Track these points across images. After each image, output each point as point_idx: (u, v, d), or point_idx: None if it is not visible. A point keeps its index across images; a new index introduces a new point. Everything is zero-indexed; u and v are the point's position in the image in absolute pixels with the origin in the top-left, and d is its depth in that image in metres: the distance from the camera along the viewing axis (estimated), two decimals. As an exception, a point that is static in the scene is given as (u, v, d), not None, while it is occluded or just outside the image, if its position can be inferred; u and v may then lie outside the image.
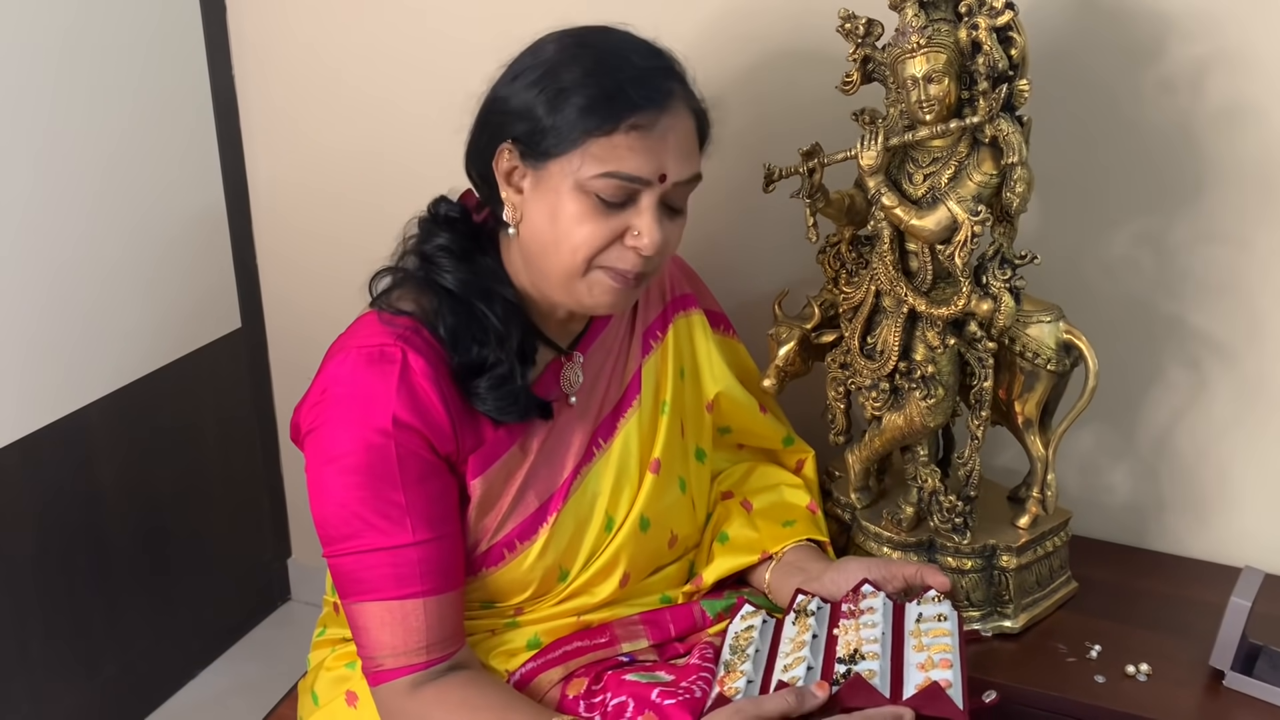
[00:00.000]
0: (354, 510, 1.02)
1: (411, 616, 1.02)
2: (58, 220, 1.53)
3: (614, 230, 1.01)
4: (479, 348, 1.05)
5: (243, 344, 1.88)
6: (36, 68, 1.48)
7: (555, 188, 1.01)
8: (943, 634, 1.03)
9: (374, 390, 1.02)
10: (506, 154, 1.04)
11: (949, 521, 1.24)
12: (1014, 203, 1.11)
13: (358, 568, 1.03)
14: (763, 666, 1.05)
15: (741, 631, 1.10)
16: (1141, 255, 1.35)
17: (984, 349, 1.18)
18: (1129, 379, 1.39)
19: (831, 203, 1.20)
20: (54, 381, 1.56)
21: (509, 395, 1.05)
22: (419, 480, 1.03)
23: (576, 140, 0.99)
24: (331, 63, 1.70)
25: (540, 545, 1.10)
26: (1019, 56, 1.09)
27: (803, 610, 1.10)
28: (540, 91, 1.00)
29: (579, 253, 1.01)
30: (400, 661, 1.03)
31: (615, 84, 0.99)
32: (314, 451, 1.05)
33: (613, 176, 0.99)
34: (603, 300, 1.05)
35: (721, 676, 1.04)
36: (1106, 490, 1.44)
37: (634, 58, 1.01)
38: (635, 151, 0.99)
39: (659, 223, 1.01)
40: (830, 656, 1.03)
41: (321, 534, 1.05)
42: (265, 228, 1.86)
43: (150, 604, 1.77)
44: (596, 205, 1.00)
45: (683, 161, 1.02)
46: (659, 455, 1.18)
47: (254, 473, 1.97)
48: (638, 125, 0.98)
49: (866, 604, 1.09)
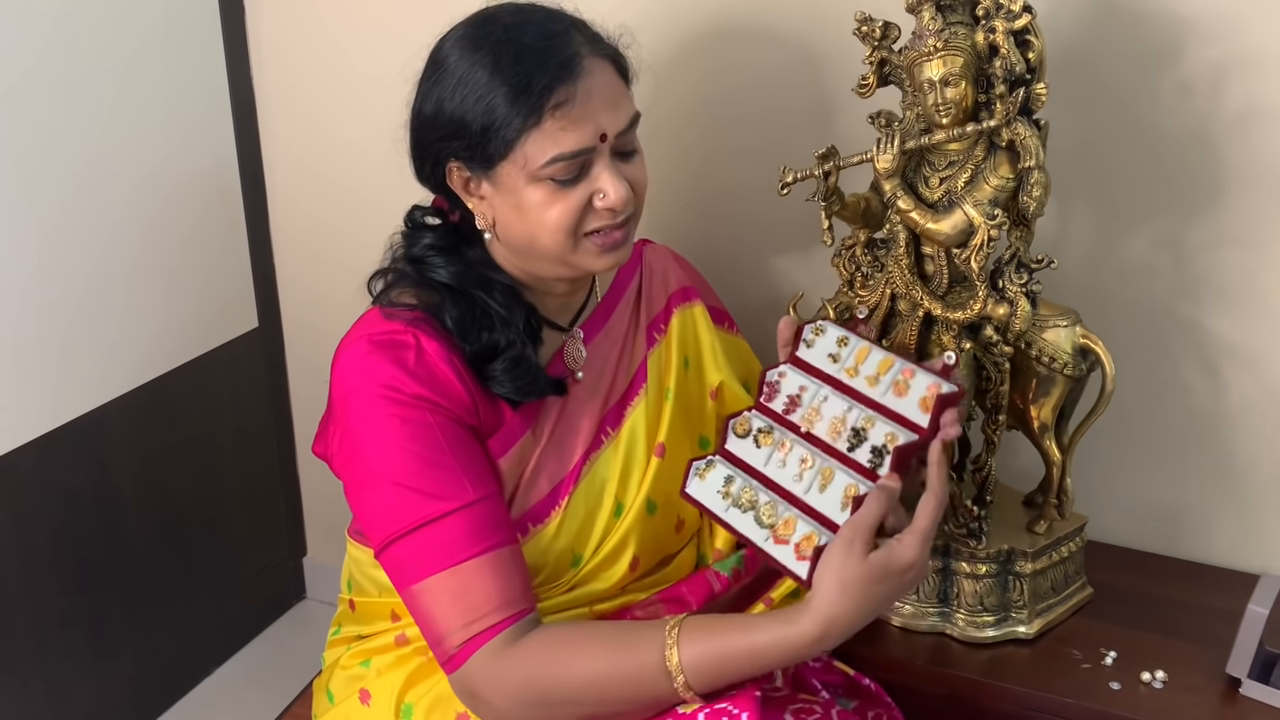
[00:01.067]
0: (409, 485, 1.02)
1: (490, 571, 1.00)
2: (75, 220, 1.54)
3: (580, 201, 1.04)
4: (488, 333, 1.07)
5: (259, 343, 1.89)
6: (54, 66, 1.49)
7: (512, 186, 1.04)
8: (882, 362, 1.07)
9: (392, 372, 1.03)
10: (455, 171, 1.07)
11: (964, 526, 1.23)
12: (1031, 207, 1.10)
13: (424, 541, 1.01)
14: (788, 504, 1.03)
15: (719, 490, 1.07)
16: (1159, 259, 1.34)
17: (1000, 353, 1.18)
18: (1146, 383, 1.38)
19: (847, 206, 1.20)
20: (72, 380, 1.57)
21: (525, 374, 1.08)
22: (460, 442, 1.04)
23: (511, 140, 1.01)
24: (348, 59, 1.71)
25: (554, 527, 1.12)
26: (1036, 60, 1.09)
27: (748, 432, 1.09)
28: (459, 104, 1.03)
29: (559, 233, 1.04)
30: (489, 621, 1.00)
31: (523, 76, 1.00)
32: (349, 446, 1.05)
33: (558, 160, 1.01)
34: (602, 262, 1.08)
35: (775, 540, 1.01)
36: (1123, 495, 1.43)
37: (527, 40, 1.02)
38: (568, 130, 1.01)
39: (618, 176, 1.04)
40: (825, 445, 1.05)
41: (376, 526, 1.04)
42: (282, 228, 1.87)
43: (167, 601, 1.79)
44: (555, 187, 1.03)
45: (615, 112, 1.04)
46: (663, 439, 1.19)
47: (270, 472, 1.98)
48: (559, 104, 1.00)
49: (784, 383, 1.10)
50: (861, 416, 1.04)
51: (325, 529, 2.05)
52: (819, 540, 0.98)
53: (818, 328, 1.12)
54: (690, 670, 0.95)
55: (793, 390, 1.10)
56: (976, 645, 1.23)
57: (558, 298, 1.15)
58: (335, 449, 1.09)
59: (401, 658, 1.16)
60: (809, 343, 1.12)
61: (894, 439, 1.00)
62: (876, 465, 1.01)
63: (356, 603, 1.23)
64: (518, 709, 1.00)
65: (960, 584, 1.24)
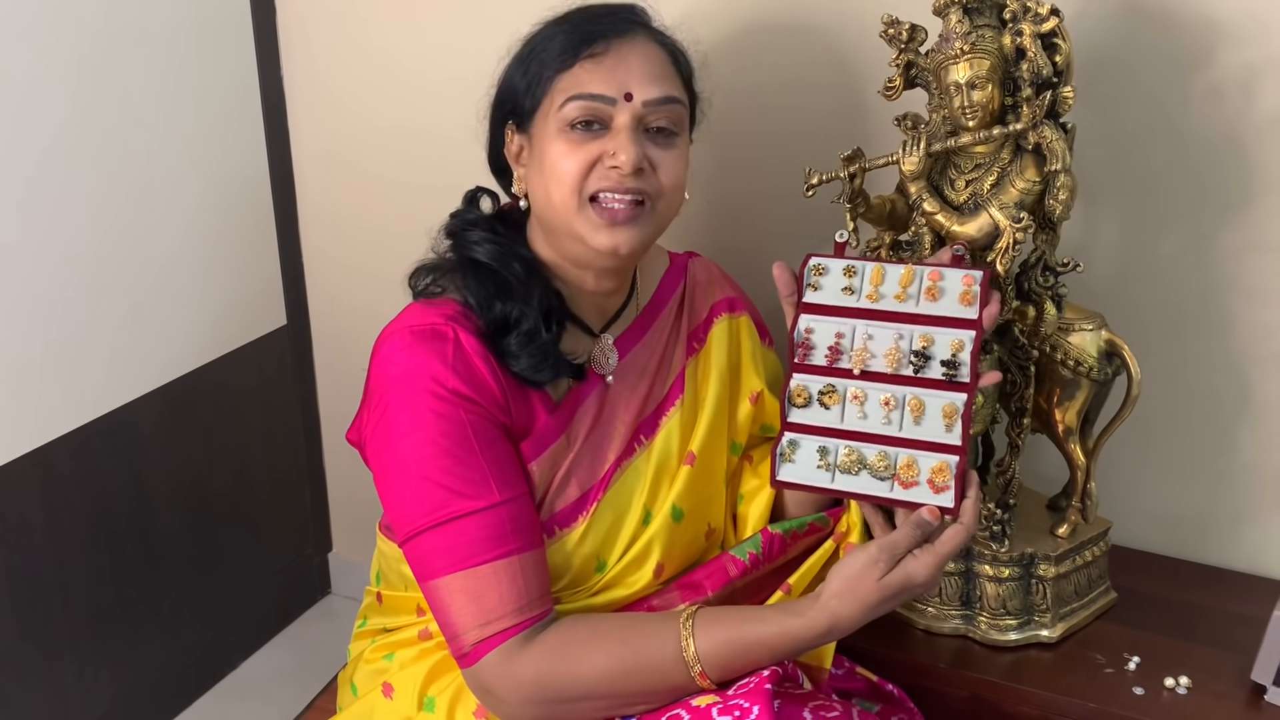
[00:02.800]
0: (436, 480, 1.03)
1: (507, 576, 1.02)
2: (106, 216, 1.56)
3: (591, 155, 1.05)
4: (502, 304, 1.08)
5: (288, 340, 1.91)
6: (96, 75, 1.51)
7: (542, 139, 1.08)
8: (903, 276, 1.08)
9: (431, 363, 1.04)
10: (509, 136, 1.13)
11: (987, 529, 1.23)
12: (1057, 210, 1.10)
13: (445, 538, 1.02)
14: (895, 447, 1.04)
15: (817, 464, 1.06)
16: (1186, 262, 1.33)
17: (1025, 357, 1.18)
18: (1172, 387, 1.37)
19: (872, 208, 1.20)
20: (103, 376, 1.59)
21: (539, 351, 1.08)
22: (492, 443, 1.05)
23: (547, 84, 1.07)
24: (377, 62, 1.73)
25: (580, 532, 1.12)
26: (1063, 63, 1.09)
27: (808, 400, 1.08)
28: (518, 64, 1.10)
29: (565, 183, 1.05)
30: (503, 625, 1.01)
31: (571, 29, 1.07)
32: (382, 434, 1.06)
33: (575, 98, 1.04)
34: (601, 237, 1.06)
35: (903, 485, 1.03)
36: (1147, 499, 1.43)
37: (591, 8, 1.10)
38: (594, 74, 1.05)
39: (635, 141, 1.05)
40: (889, 378, 1.05)
41: (400, 516, 1.05)
42: (311, 229, 1.89)
43: (195, 594, 1.81)
44: (574, 136, 1.05)
45: (649, 83, 1.06)
46: (695, 449, 1.19)
47: (297, 467, 2.00)
48: (594, 54, 1.05)
49: (816, 336, 1.09)
50: (915, 336, 1.04)
51: (350, 525, 2.07)
52: (951, 466, 1.01)
53: (817, 267, 1.10)
54: (707, 660, 0.99)
55: (828, 340, 1.08)
56: (999, 648, 1.23)
57: (591, 296, 1.15)
58: (368, 435, 1.10)
59: (424, 651, 1.17)
60: (816, 285, 1.10)
61: (960, 345, 1.02)
62: (953, 376, 1.02)
63: (384, 595, 1.25)
64: (531, 706, 1.02)
65: (983, 587, 1.24)
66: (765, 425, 1.28)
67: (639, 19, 1.11)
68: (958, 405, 1.00)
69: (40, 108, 1.45)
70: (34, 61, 1.43)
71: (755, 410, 1.25)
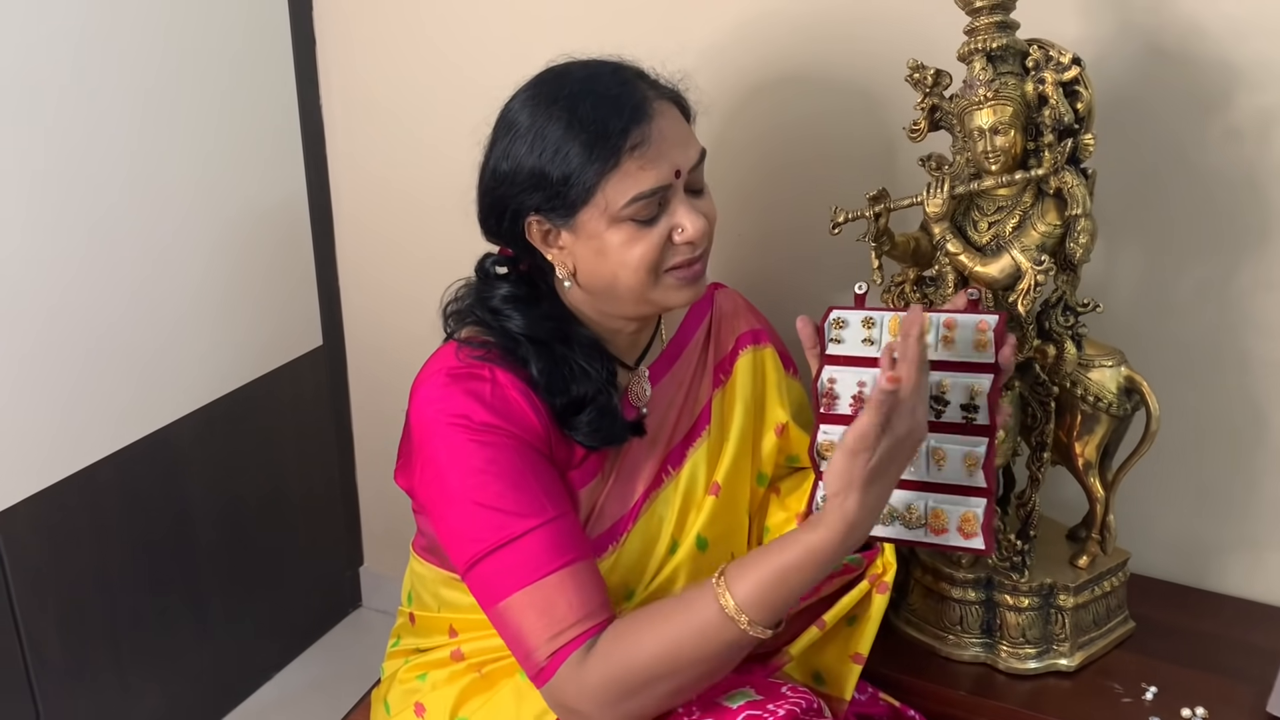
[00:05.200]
0: (492, 505, 1.05)
1: (571, 584, 1.03)
2: (149, 241, 1.60)
3: (660, 238, 1.07)
4: (575, 386, 1.10)
5: (324, 360, 1.95)
6: (147, 107, 1.56)
7: (593, 232, 1.07)
8: None
9: (468, 403, 1.07)
10: (534, 224, 1.09)
11: (1007, 560, 1.26)
12: (1077, 253, 1.13)
13: (507, 559, 1.04)
14: (919, 493, 1.06)
15: None
16: (1205, 300, 1.36)
17: (1046, 392, 1.20)
18: (1190, 421, 1.39)
19: (897, 246, 1.23)
20: (145, 398, 1.63)
21: (610, 425, 1.12)
22: (536, 464, 1.08)
23: (592, 187, 1.04)
24: (416, 79, 1.76)
25: (609, 563, 1.15)
26: (1085, 110, 1.11)
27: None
28: (539, 157, 1.05)
29: (641, 271, 1.07)
30: (574, 633, 1.02)
31: (599, 123, 1.03)
32: (429, 475, 1.09)
33: (639, 199, 1.04)
34: (681, 296, 1.11)
35: (935, 532, 1.05)
36: (1166, 529, 1.45)
37: (599, 89, 1.06)
38: (646, 169, 1.04)
39: (694, 210, 1.08)
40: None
41: (460, 547, 1.07)
42: (348, 253, 1.93)
43: (232, 608, 1.85)
44: (636, 227, 1.06)
45: (685, 149, 1.08)
46: (720, 479, 1.22)
47: (330, 483, 2.04)
48: (635, 145, 1.03)
49: (839, 386, 1.10)
50: (933, 382, 1.06)
51: (382, 539, 2.11)
52: (978, 515, 1.03)
53: (837, 320, 1.13)
54: (749, 606, 0.98)
55: (852, 389, 1.10)
56: (1018, 677, 1.25)
57: (627, 336, 1.18)
58: (418, 480, 1.13)
59: (456, 673, 1.21)
60: (837, 339, 1.12)
61: (978, 389, 1.04)
62: (973, 419, 1.05)
63: (417, 616, 1.28)
64: (608, 709, 1.02)
65: (1003, 616, 1.26)
66: (791, 456, 1.30)
67: (641, 83, 1.08)
68: (978, 454, 1.03)
69: (90, 140, 1.49)
70: (84, 95, 1.48)
71: (781, 442, 1.28)
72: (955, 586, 1.28)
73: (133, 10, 1.52)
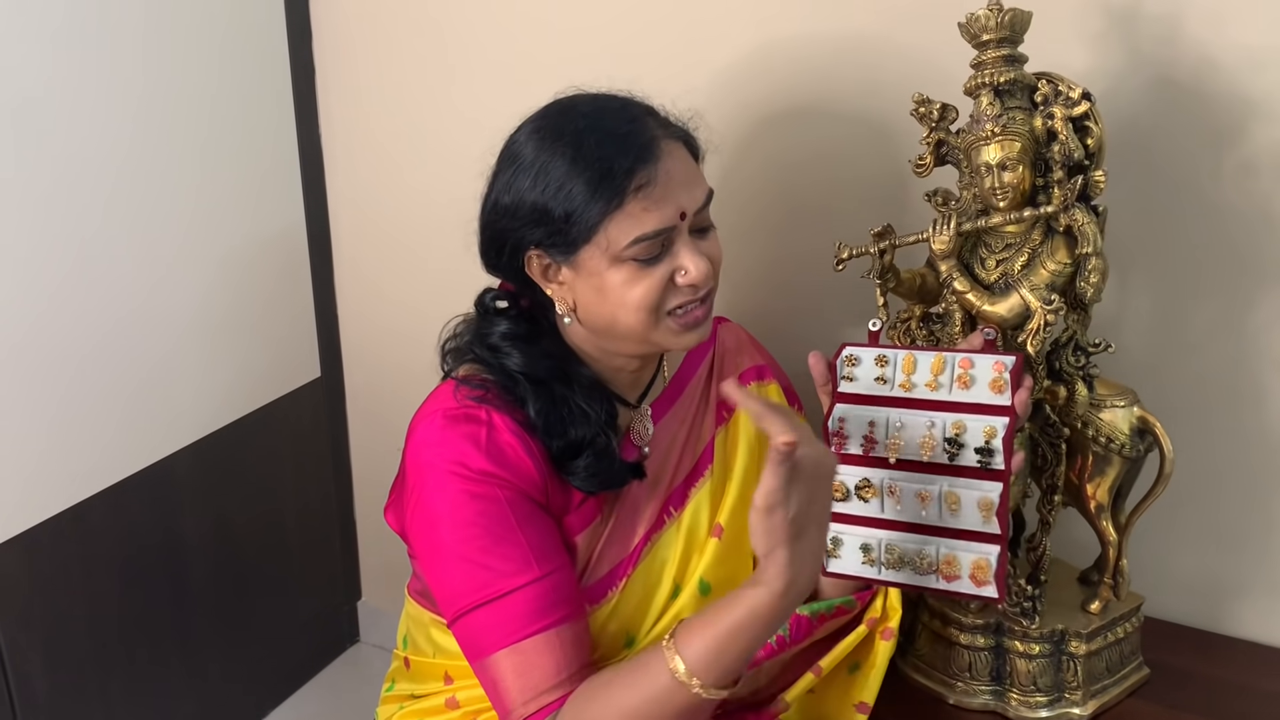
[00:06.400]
0: (476, 561, 1.03)
1: (547, 650, 1.02)
2: (146, 272, 1.59)
3: (662, 279, 1.05)
4: (574, 429, 1.08)
5: (322, 392, 1.93)
6: (126, 120, 1.54)
7: (594, 270, 1.04)
8: (934, 364, 1.08)
9: (464, 447, 1.05)
10: (535, 259, 1.08)
11: (1017, 605, 1.22)
12: (1088, 293, 1.10)
13: (489, 617, 1.03)
14: (932, 538, 1.05)
15: (861, 561, 1.07)
16: (1219, 337, 1.33)
17: (1057, 434, 1.17)
18: (1205, 459, 1.36)
19: (903, 283, 1.20)
20: (140, 432, 1.62)
21: (607, 469, 1.09)
22: (529, 518, 1.06)
23: (595, 225, 1.02)
24: (416, 113, 1.75)
25: (609, 608, 1.12)
26: (1095, 146, 1.09)
27: (846, 494, 1.08)
28: (541, 192, 1.03)
29: (641, 311, 1.05)
30: (549, 698, 1.01)
31: (605, 161, 1.01)
32: (420, 520, 1.07)
33: (641, 240, 1.02)
34: (682, 340, 1.08)
35: (947, 579, 1.04)
36: (1181, 571, 1.41)
37: (606, 126, 1.03)
38: (650, 210, 1.02)
39: (698, 253, 1.05)
40: (923, 466, 1.05)
41: (445, 597, 1.06)
42: (346, 279, 1.91)
43: (227, 644, 1.83)
44: (637, 267, 1.04)
45: (692, 190, 1.05)
46: (723, 520, 1.19)
47: (328, 516, 2.02)
48: (640, 186, 1.01)
49: (849, 426, 1.09)
50: (948, 425, 1.04)
51: (380, 574, 2.09)
52: (991, 562, 1.01)
53: (850, 358, 1.11)
54: (697, 669, 0.95)
55: (863, 430, 1.08)
56: (1029, 726, 1.22)
57: (629, 374, 1.16)
58: (409, 521, 1.11)
59: (450, 721, 1.18)
60: (849, 376, 1.10)
61: (993, 432, 1.02)
62: (987, 464, 1.02)
63: (412, 661, 1.25)
64: None
65: (1013, 663, 1.23)
66: None
67: (650, 122, 1.06)
68: (993, 499, 1.00)
69: (84, 167, 1.48)
70: (83, 124, 1.47)
71: None
72: (964, 632, 1.24)
73: (131, 39, 1.51)
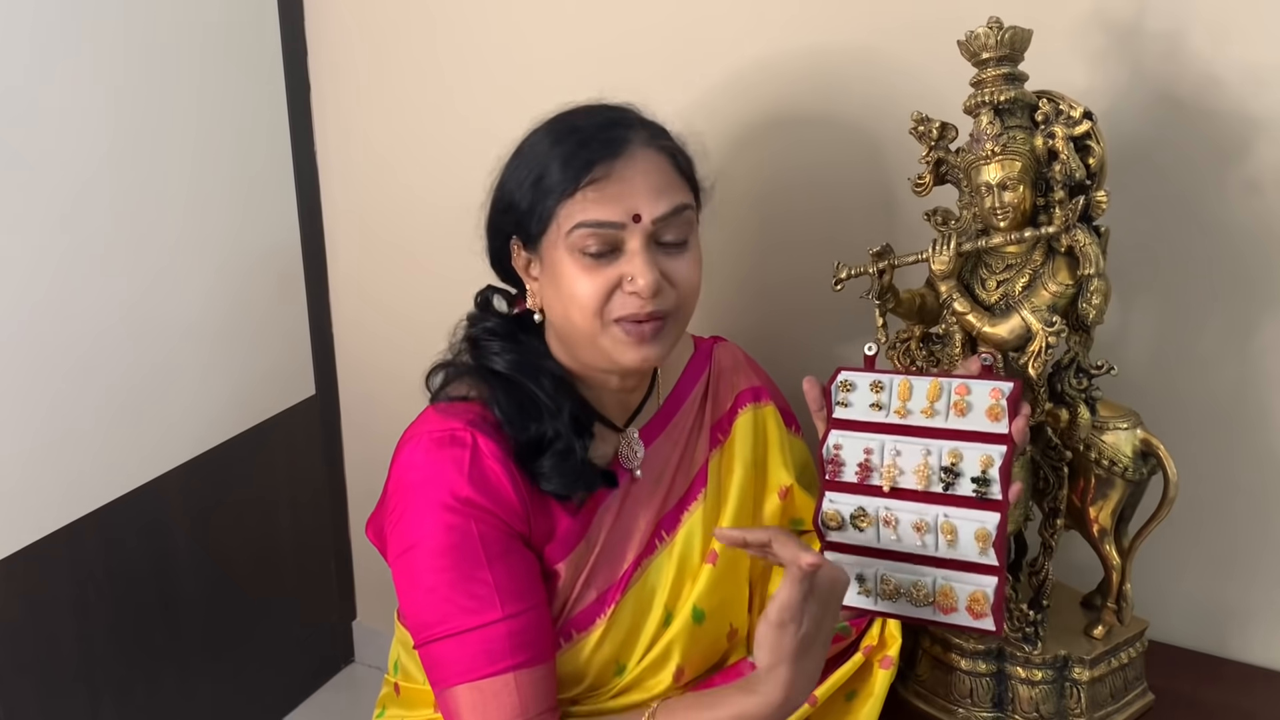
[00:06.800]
0: (442, 594, 1.02)
1: (505, 692, 1.01)
2: (137, 289, 1.57)
3: (609, 281, 1.04)
4: (535, 424, 1.07)
5: (317, 410, 1.92)
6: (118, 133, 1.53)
7: (552, 260, 1.05)
8: (929, 390, 1.06)
9: (447, 472, 1.04)
10: (515, 250, 1.10)
11: (1019, 631, 1.20)
12: (1090, 314, 1.08)
13: (450, 651, 1.02)
14: (929, 568, 1.03)
15: (858, 591, 1.05)
16: (1223, 357, 1.31)
17: (1059, 457, 1.15)
18: (1210, 481, 1.34)
19: (902, 303, 1.19)
20: (132, 451, 1.60)
21: (571, 470, 1.07)
22: (502, 555, 1.04)
23: (551, 212, 1.04)
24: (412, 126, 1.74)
25: (598, 635, 1.10)
26: (1097, 166, 1.07)
27: (841, 523, 1.06)
28: (519, 179, 1.07)
29: (586, 309, 1.04)
30: None
31: (568, 151, 1.04)
32: (397, 541, 1.06)
33: (583, 227, 1.02)
34: (630, 355, 1.06)
35: (944, 611, 1.01)
36: (1186, 594, 1.39)
37: (581, 122, 1.06)
38: (598, 201, 1.02)
39: (650, 264, 1.03)
40: (919, 495, 1.03)
41: (413, 623, 1.06)
42: (342, 296, 1.90)
43: (220, 664, 1.80)
44: (586, 262, 1.03)
45: (655, 198, 1.04)
46: (717, 546, 1.17)
47: (323, 534, 2.00)
48: (595, 179, 1.02)
49: (844, 453, 1.07)
50: (944, 452, 1.02)
51: (375, 593, 2.07)
52: (988, 594, 0.99)
53: (845, 383, 1.09)
54: None
55: (858, 457, 1.06)
56: (1032, 754, 1.20)
57: (614, 394, 1.14)
58: (387, 538, 1.10)
59: (442, 749, 1.17)
60: (844, 402, 1.09)
61: (990, 461, 1.00)
62: (984, 493, 1.00)
63: (402, 687, 1.23)
64: None
65: (1015, 690, 1.21)
66: (795, 520, 1.26)
67: (634, 127, 1.07)
68: (989, 529, 0.98)
69: (75, 180, 1.47)
70: (72, 131, 1.45)
71: (784, 505, 1.23)
72: (965, 658, 1.22)
73: (120, 49, 1.50)
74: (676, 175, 1.08)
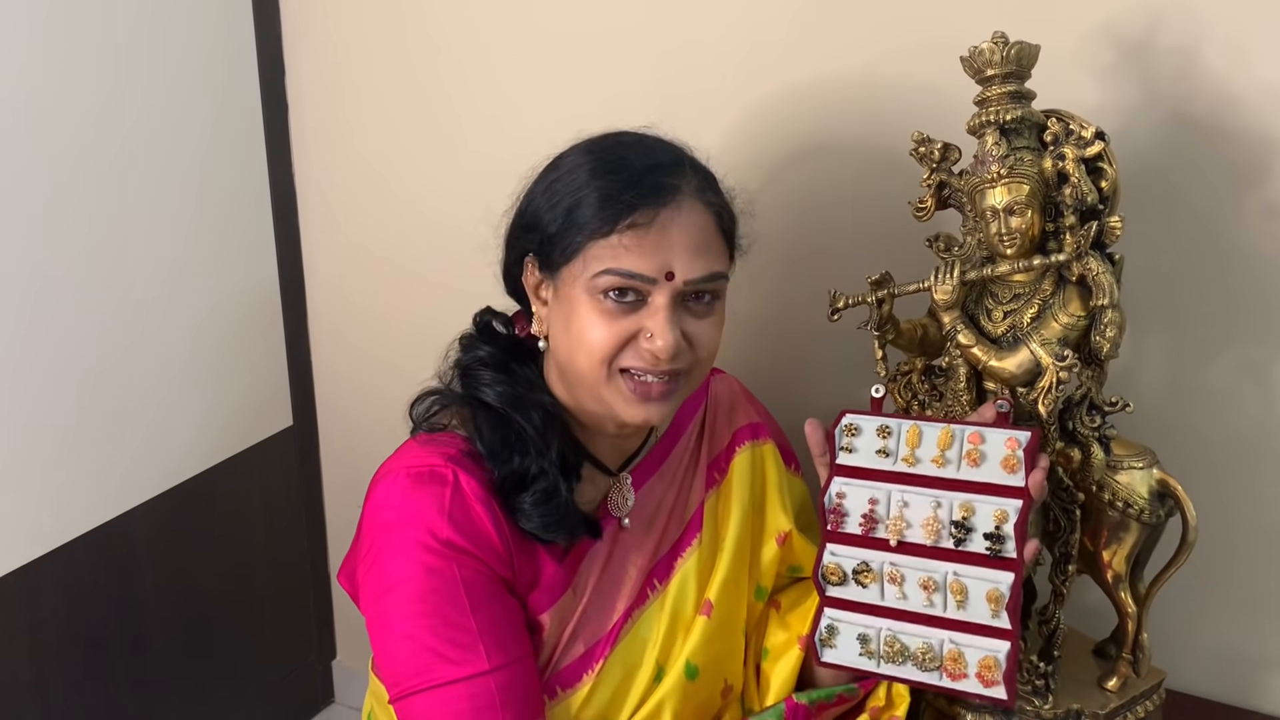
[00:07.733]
0: (422, 642, 0.96)
1: None
2: (111, 321, 1.52)
3: (626, 331, 0.97)
4: (519, 458, 1.00)
5: (294, 441, 1.85)
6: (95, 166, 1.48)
7: (569, 295, 0.99)
8: (940, 438, 1.01)
9: (427, 511, 0.97)
10: (529, 267, 1.04)
11: (1029, 683, 1.13)
12: (1104, 348, 1.02)
13: (431, 706, 0.96)
14: (937, 629, 0.98)
15: (860, 651, 1.00)
16: (1243, 391, 1.25)
17: (1071, 499, 1.08)
18: (1231, 522, 1.28)
19: (902, 334, 1.13)
20: (98, 487, 1.53)
21: (554, 510, 1.00)
22: (487, 601, 0.97)
23: (580, 245, 0.97)
24: (392, 159, 1.70)
25: (585, 692, 1.04)
26: (1110, 189, 1.01)
27: (843, 578, 1.02)
28: (548, 202, 1.00)
29: (594, 355, 0.97)
30: None
31: (612, 187, 0.96)
32: (371, 584, 0.99)
33: (612, 273, 0.96)
34: (631, 411, 1.00)
35: (952, 677, 0.97)
36: (1205, 642, 1.33)
37: (633, 158, 0.99)
38: (633, 250, 0.95)
39: (673, 324, 0.97)
40: (928, 550, 0.98)
41: (388, 675, 0.99)
42: (320, 327, 1.85)
43: (192, 708, 1.73)
44: (608, 307, 0.97)
45: (693, 258, 0.97)
46: (712, 596, 1.11)
47: (301, 572, 1.94)
48: (635, 224, 0.95)
49: (848, 503, 1.02)
50: (955, 506, 0.96)
51: (355, 632, 2.00)
52: (1000, 660, 0.94)
53: (849, 427, 1.03)
54: None
55: (862, 508, 1.01)
56: (1043, 814, 1.13)
57: (609, 438, 1.08)
58: (360, 581, 1.03)
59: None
60: (848, 447, 1.03)
61: (1004, 516, 0.94)
62: (998, 551, 0.94)
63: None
64: None
65: (1025, 746, 1.14)
66: (794, 566, 1.20)
67: (685, 175, 1.00)
68: (1002, 590, 0.91)
69: (51, 210, 1.42)
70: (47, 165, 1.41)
71: (782, 551, 1.17)
72: (971, 712, 1.15)
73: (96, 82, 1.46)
74: (718, 236, 1.01)
